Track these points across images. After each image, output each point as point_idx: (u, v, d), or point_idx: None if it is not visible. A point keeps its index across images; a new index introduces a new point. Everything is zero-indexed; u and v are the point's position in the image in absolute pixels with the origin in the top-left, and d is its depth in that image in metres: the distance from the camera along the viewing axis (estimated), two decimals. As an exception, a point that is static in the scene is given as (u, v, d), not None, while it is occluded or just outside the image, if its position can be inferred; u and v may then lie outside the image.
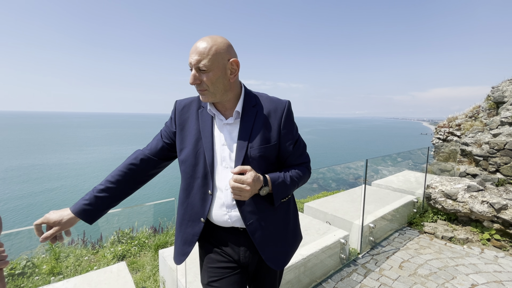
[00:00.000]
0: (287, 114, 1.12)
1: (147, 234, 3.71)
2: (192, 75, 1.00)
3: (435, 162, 6.81)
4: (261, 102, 1.13)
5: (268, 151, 1.10)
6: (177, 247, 1.19)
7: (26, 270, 2.58)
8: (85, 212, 1.04)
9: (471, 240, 3.33)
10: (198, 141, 1.11)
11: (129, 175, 1.13)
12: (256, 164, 1.07)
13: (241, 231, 1.14)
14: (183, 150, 1.14)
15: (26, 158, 35.32)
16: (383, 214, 3.40)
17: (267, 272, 1.23)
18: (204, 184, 1.11)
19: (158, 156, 1.19)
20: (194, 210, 1.13)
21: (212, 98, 1.05)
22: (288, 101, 1.14)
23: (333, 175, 18.44)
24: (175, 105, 1.20)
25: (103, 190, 1.07)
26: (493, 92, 5.89)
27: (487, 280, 2.55)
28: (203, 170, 1.10)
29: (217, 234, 1.17)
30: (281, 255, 1.17)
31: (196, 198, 1.13)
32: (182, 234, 1.17)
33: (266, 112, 1.11)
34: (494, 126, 5.14)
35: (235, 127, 1.11)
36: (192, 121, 1.15)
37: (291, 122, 1.14)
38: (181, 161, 1.14)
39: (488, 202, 3.26)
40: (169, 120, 1.22)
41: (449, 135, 7.00)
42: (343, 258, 2.74)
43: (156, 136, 1.23)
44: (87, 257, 3.00)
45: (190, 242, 1.15)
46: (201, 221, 1.12)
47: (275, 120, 1.11)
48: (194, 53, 0.97)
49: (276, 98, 1.16)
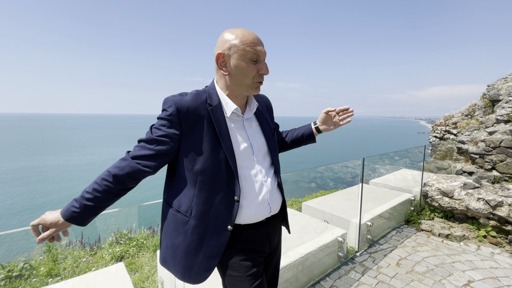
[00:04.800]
0: (271, 106, 1.38)
1: (146, 234, 3.70)
2: (266, 65, 1.06)
3: (432, 160, 6.85)
4: (255, 97, 1.26)
5: (276, 136, 1.32)
6: (198, 265, 1.06)
7: (24, 272, 2.57)
8: (74, 218, 0.99)
9: (468, 237, 3.36)
10: (217, 147, 1.03)
11: (116, 183, 1.00)
12: (276, 149, 1.26)
13: (266, 221, 1.16)
14: (198, 159, 1.02)
15: (26, 161, 35.09)
16: (380, 212, 3.42)
17: (277, 248, 1.28)
18: (228, 192, 1.05)
19: (150, 166, 1.03)
20: (219, 220, 1.05)
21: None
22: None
23: (331, 174, 18.50)
24: (176, 106, 1.01)
25: (90, 199, 0.99)
26: (489, 90, 5.94)
27: (483, 277, 2.57)
28: (227, 177, 1.04)
29: (245, 234, 1.11)
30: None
31: (220, 208, 1.05)
32: (205, 249, 1.06)
33: (264, 105, 1.30)
34: (490, 124, 5.18)
35: (252, 120, 1.20)
36: (203, 124, 1.04)
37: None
38: (198, 171, 1.02)
39: (484, 199, 3.29)
40: (167, 123, 1.02)
41: (445, 134, 7.04)
42: (341, 256, 2.76)
43: (147, 143, 1.03)
44: (85, 259, 2.99)
45: (216, 255, 1.06)
46: (228, 229, 1.06)
47: (270, 111, 1.35)
48: (261, 45, 1.04)
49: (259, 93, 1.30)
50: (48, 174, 28.06)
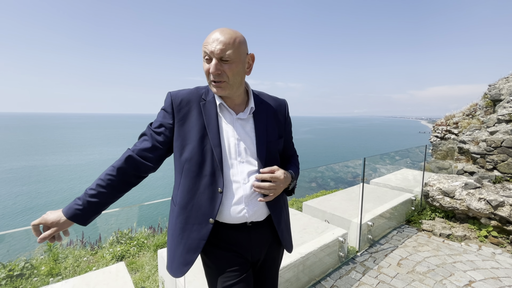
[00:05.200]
0: (288, 111, 1.27)
1: (146, 234, 3.71)
2: (214, 64, 0.97)
3: (433, 160, 6.84)
4: (266, 100, 1.21)
5: (280, 145, 1.22)
6: (178, 257, 1.08)
7: (25, 271, 2.58)
8: (77, 216, 1.00)
9: (469, 237, 3.35)
10: (204, 137, 1.05)
11: (119, 179, 1.05)
12: (274, 158, 1.16)
13: (250, 226, 1.11)
14: (186, 148, 1.06)
15: (27, 160, 35.16)
16: (381, 212, 3.42)
17: (272, 262, 1.24)
18: (212, 182, 1.05)
19: (150, 159, 1.08)
20: (201, 211, 1.05)
21: (229, 90, 1.04)
22: (285, 100, 1.30)
23: (332, 174, 18.47)
24: (171, 98, 1.09)
25: (94, 196, 1.01)
26: (490, 90, 5.93)
27: (485, 277, 2.57)
28: (211, 168, 1.05)
29: (227, 234, 1.10)
30: (290, 238, 1.29)
31: (203, 198, 1.05)
32: (185, 241, 1.06)
33: (273, 109, 1.21)
34: (491, 124, 5.16)
35: (248, 122, 1.13)
36: (194, 115, 1.07)
37: (290, 118, 1.30)
38: (185, 160, 1.06)
39: (485, 199, 3.29)
40: (162, 114, 1.09)
41: (446, 133, 7.03)
42: (342, 256, 2.76)
43: (146, 136, 1.10)
44: (86, 258, 3.00)
45: (196, 248, 1.05)
46: (210, 222, 1.04)
47: (281, 116, 1.24)
48: (217, 42, 0.95)
49: (275, 97, 1.27)
50: (49, 173, 28.10)
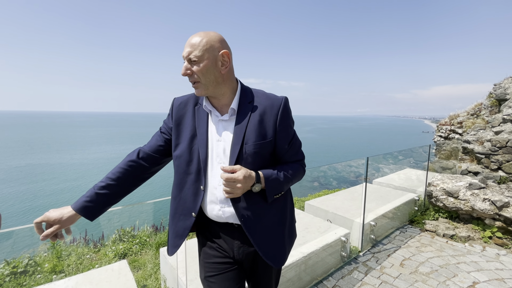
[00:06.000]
0: (283, 111, 1.11)
1: (148, 232, 3.72)
2: (183, 66, 1.05)
3: (437, 160, 6.79)
4: (258, 99, 1.13)
5: (263, 148, 1.09)
6: (170, 240, 1.21)
7: (28, 268, 2.60)
8: (86, 209, 1.05)
9: (473, 238, 3.32)
10: (193, 138, 1.13)
11: (130, 172, 1.13)
12: (250, 161, 1.08)
13: (236, 227, 1.14)
14: (178, 146, 1.15)
15: (32, 158, 35.48)
16: (384, 212, 3.40)
17: (263, 269, 1.22)
18: (197, 179, 1.12)
19: (158, 153, 1.19)
20: (186, 204, 1.15)
21: (205, 90, 1.07)
22: (285, 98, 1.14)
23: (334, 174, 18.40)
24: (173, 102, 1.22)
25: (104, 187, 1.08)
26: (495, 89, 5.86)
27: (489, 278, 2.54)
28: (197, 166, 1.11)
29: (213, 228, 1.19)
30: (279, 252, 1.16)
31: (188, 193, 1.14)
32: (174, 228, 1.18)
33: (262, 108, 1.10)
34: (496, 123, 5.11)
35: (231, 123, 1.11)
36: (188, 118, 1.16)
37: (287, 119, 1.14)
38: (176, 157, 1.15)
39: (490, 200, 3.25)
40: (167, 117, 1.23)
41: (450, 133, 6.97)
42: (344, 256, 2.74)
43: (156, 133, 1.24)
44: (89, 256, 3.02)
45: (181, 235, 1.16)
46: (192, 215, 1.13)
47: (271, 117, 1.10)
48: (187, 46, 1.03)
49: (272, 95, 1.15)
50: (54, 172, 28.33)
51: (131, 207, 1.98)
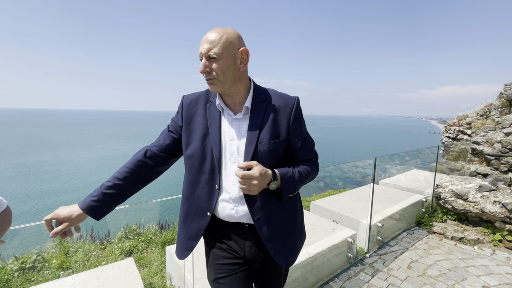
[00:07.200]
0: (296, 110, 1.12)
1: (154, 230, 3.74)
2: (202, 63, 1.02)
3: (445, 161, 6.68)
4: (271, 98, 1.13)
5: (277, 147, 1.10)
6: (181, 242, 1.18)
7: (37, 264, 2.63)
8: (92, 208, 1.04)
9: (482, 241, 3.26)
10: (206, 136, 1.10)
11: (137, 171, 1.12)
12: (265, 159, 1.08)
13: (247, 227, 1.13)
14: (190, 145, 1.12)
15: (39, 156, 35.98)
16: (391, 213, 3.35)
17: (273, 269, 1.22)
18: (211, 179, 1.10)
19: (166, 152, 1.17)
20: (200, 204, 1.13)
21: (221, 87, 1.05)
22: (297, 97, 1.15)
23: (340, 174, 18.29)
24: (182, 100, 1.19)
25: (111, 187, 1.07)
26: (506, 89, 5.74)
27: (499, 282, 2.49)
28: (210, 165, 1.10)
29: (223, 229, 1.16)
30: (289, 252, 1.16)
31: (202, 193, 1.12)
32: (187, 229, 1.16)
33: (276, 107, 1.11)
34: (507, 124, 5.00)
35: (244, 122, 1.10)
36: (199, 116, 1.13)
37: (300, 118, 1.15)
38: (188, 156, 1.13)
39: (500, 203, 3.19)
40: (176, 115, 1.20)
41: (459, 134, 6.86)
42: (350, 257, 2.72)
43: (163, 132, 1.21)
44: (95, 253, 3.04)
45: (195, 236, 1.14)
46: (207, 215, 1.11)
47: (284, 116, 1.11)
48: (205, 43, 0.99)
49: (285, 94, 1.16)
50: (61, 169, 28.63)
51: (137, 205, 1.99)
